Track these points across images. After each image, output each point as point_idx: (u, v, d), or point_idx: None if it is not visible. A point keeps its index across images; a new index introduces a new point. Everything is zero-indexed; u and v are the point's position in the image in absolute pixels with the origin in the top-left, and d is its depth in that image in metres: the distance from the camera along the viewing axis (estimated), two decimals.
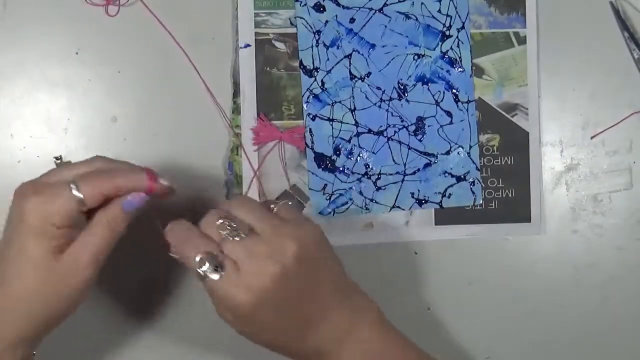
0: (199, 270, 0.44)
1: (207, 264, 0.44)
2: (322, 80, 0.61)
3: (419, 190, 0.62)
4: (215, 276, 0.44)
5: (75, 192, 0.43)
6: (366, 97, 0.61)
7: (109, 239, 0.45)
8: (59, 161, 0.49)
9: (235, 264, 0.44)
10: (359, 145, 0.61)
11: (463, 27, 0.62)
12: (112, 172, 0.45)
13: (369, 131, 0.61)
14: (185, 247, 0.45)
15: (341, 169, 0.61)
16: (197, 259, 0.44)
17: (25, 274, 0.44)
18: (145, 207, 0.45)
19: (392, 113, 0.61)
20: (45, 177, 0.46)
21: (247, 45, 0.60)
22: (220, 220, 0.46)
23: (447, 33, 0.62)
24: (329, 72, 0.61)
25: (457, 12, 0.62)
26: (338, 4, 0.61)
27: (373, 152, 0.61)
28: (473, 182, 0.62)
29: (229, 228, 0.45)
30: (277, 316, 0.46)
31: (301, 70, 0.61)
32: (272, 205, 0.49)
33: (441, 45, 0.62)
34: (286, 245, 0.45)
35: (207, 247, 0.45)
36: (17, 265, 0.44)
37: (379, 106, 0.61)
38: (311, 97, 0.61)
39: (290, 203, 0.52)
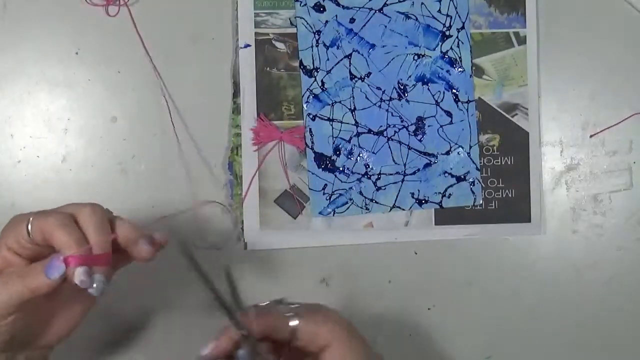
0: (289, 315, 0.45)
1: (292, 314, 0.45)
2: (322, 80, 0.61)
3: (419, 190, 0.62)
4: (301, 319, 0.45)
5: (29, 225, 0.45)
6: (366, 97, 0.61)
7: (14, 290, 0.44)
8: None
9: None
10: (359, 145, 0.61)
11: (463, 27, 0.62)
12: (62, 225, 0.45)
13: (369, 131, 0.61)
14: (273, 318, 0.45)
15: (341, 169, 0.61)
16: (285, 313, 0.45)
17: None
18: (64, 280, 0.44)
19: (392, 113, 0.61)
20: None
21: (247, 45, 0.60)
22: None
23: (447, 33, 0.62)
24: (329, 72, 0.61)
25: (457, 12, 0.62)
26: (338, 4, 0.61)
27: (373, 152, 0.61)
28: (473, 182, 0.62)
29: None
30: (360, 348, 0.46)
31: (301, 70, 0.61)
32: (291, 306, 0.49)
33: (441, 45, 0.62)
34: (332, 313, 0.47)
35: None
36: None
37: (379, 106, 0.61)
38: (311, 97, 0.61)
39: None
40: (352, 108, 0.61)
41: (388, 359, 0.50)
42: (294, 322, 0.45)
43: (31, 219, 0.45)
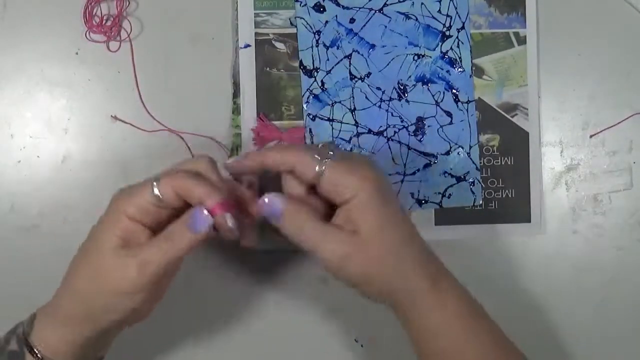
0: (319, 158, 0.46)
1: (324, 155, 0.46)
2: (322, 81, 0.61)
3: (418, 191, 0.62)
4: (335, 159, 0.46)
5: (155, 188, 0.44)
6: (366, 97, 0.61)
7: (163, 252, 0.44)
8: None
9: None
10: (359, 145, 0.61)
11: (463, 27, 0.62)
12: (194, 179, 0.45)
13: (369, 131, 0.61)
14: (295, 150, 0.47)
15: None
16: (316, 155, 0.46)
17: (90, 259, 0.45)
18: (210, 234, 0.45)
19: (392, 113, 0.61)
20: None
21: (247, 46, 0.60)
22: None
23: (447, 33, 0.62)
24: (329, 72, 0.61)
25: (457, 12, 0.62)
26: (338, 4, 0.61)
27: (373, 153, 0.61)
28: (473, 182, 0.62)
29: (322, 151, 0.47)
30: (394, 204, 0.47)
31: (301, 71, 0.61)
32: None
33: (441, 46, 0.62)
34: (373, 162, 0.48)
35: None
36: (86, 250, 0.46)
37: (379, 106, 0.61)
38: (311, 97, 0.61)
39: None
40: (352, 108, 0.61)
41: None
42: (318, 167, 0.45)
43: (156, 183, 0.44)
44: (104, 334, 0.47)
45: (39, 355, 0.45)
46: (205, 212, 0.44)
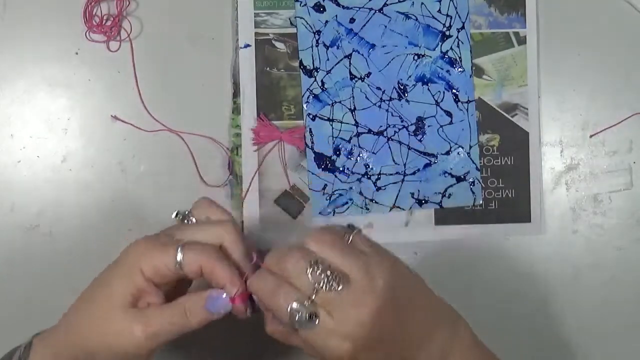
0: (293, 321, 0.42)
1: (301, 314, 0.42)
2: (322, 80, 0.61)
3: (419, 191, 0.62)
4: (311, 326, 0.42)
5: (179, 254, 0.43)
6: (366, 97, 0.61)
7: (176, 325, 0.43)
8: (178, 216, 0.48)
9: (328, 312, 0.42)
10: (359, 145, 0.61)
11: (463, 27, 0.62)
12: (221, 261, 0.44)
13: (369, 131, 0.61)
14: (275, 298, 0.43)
15: (341, 169, 0.61)
16: (289, 309, 0.42)
17: (98, 309, 0.44)
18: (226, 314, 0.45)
19: (392, 113, 0.61)
20: (165, 233, 0.46)
21: (247, 45, 0.60)
22: (310, 269, 0.43)
23: (447, 33, 0.62)
24: (329, 72, 0.61)
25: (457, 12, 0.62)
26: (338, 4, 0.61)
27: (373, 152, 0.61)
28: (473, 182, 0.62)
29: (325, 278, 0.42)
30: (382, 353, 0.44)
31: (301, 70, 0.61)
32: (345, 235, 0.46)
33: (441, 46, 0.62)
34: (377, 282, 0.43)
35: (300, 297, 0.42)
36: (95, 298, 0.45)
37: (379, 106, 0.61)
38: (311, 97, 0.61)
39: (360, 230, 0.47)
40: (352, 108, 0.61)
41: None
42: (293, 325, 0.42)
43: (181, 249, 0.43)
44: None
45: None
46: (227, 297, 0.44)
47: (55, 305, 0.46)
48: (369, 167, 0.61)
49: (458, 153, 0.62)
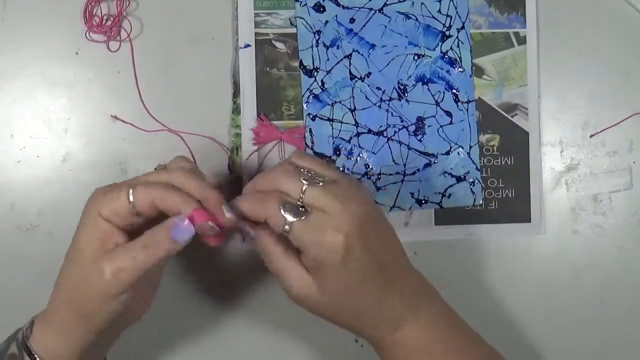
0: (286, 216, 0.44)
1: (292, 213, 0.44)
2: (322, 80, 0.61)
3: (418, 191, 0.62)
4: (304, 217, 0.44)
5: (131, 195, 0.44)
6: (366, 97, 0.61)
7: (138, 259, 0.43)
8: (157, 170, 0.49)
9: (319, 208, 0.45)
10: (359, 145, 0.61)
11: (463, 27, 0.62)
12: (168, 189, 0.45)
13: (369, 131, 0.61)
14: (267, 204, 0.45)
15: (341, 169, 0.61)
16: (282, 208, 0.44)
17: (73, 264, 0.45)
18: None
19: (392, 113, 0.61)
20: (127, 180, 0.47)
21: (247, 45, 0.60)
22: (297, 172, 0.46)
23: (447, 33, 0.62)
24: (329, 72, 0.61)
25: (457, 12, 0.62)
26: (338, 4, 0.61)
27: (373, 152, 0.61)
28: (473, 182, 0.62)
29: (309, 175, 0.46)
30: (363, 263, 0.45)
31: (301, 70, 0.61)
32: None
33: (441, 46, 0.62)
34: (362, 192, 0.47)
35: (291, 198, 0.45)
36: (69, 257, 0.46)
37: (379, 106, 0.61)
38: (311, 97, 0.61)
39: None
40: (352, 108, 0.61)
41: None
42: (284, 226, 0.44)
43: (132, 190, 0.44)
44: (103, 335, 0.46)
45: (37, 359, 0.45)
46: (187, 221, 0.44)
47: None
48: (369, 167, 0.61)
49: (458, 153, 0.62)
